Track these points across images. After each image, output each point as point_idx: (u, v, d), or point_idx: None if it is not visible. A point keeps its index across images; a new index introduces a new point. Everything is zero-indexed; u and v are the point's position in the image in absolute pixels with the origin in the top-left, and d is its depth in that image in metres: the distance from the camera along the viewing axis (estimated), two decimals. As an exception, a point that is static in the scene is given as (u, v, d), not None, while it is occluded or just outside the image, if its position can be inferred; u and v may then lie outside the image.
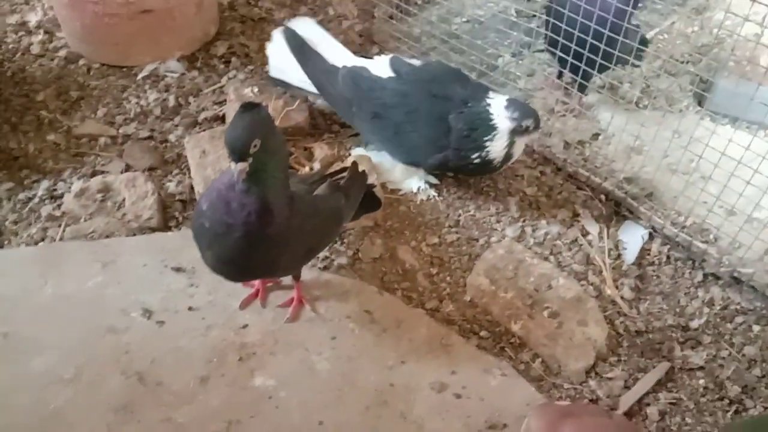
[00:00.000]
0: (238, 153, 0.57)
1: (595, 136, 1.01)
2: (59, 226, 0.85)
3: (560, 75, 1.05)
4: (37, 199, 0.89)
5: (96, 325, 0.73)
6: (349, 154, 0.96)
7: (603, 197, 0.94)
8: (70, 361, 0.70)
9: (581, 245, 0.88)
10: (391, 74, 0.90)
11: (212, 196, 0.61)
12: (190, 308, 0.76)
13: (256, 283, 0.78)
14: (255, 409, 0.67)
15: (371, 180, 0.87)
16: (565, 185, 0.96)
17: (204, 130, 0.97)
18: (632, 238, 0.90)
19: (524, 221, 0.91)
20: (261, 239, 0.60)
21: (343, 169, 0.81)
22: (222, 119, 1.02)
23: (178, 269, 0.79)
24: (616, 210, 0.93)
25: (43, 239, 0.84)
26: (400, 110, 0.88)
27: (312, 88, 0.95)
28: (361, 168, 0.81)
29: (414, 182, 0.93)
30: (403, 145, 0.90)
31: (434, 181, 0.95)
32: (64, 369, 0.69)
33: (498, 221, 0.90)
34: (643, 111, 1.02)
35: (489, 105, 0.85)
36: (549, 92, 1.06)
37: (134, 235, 0.84)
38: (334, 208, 0.74)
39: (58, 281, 0.77)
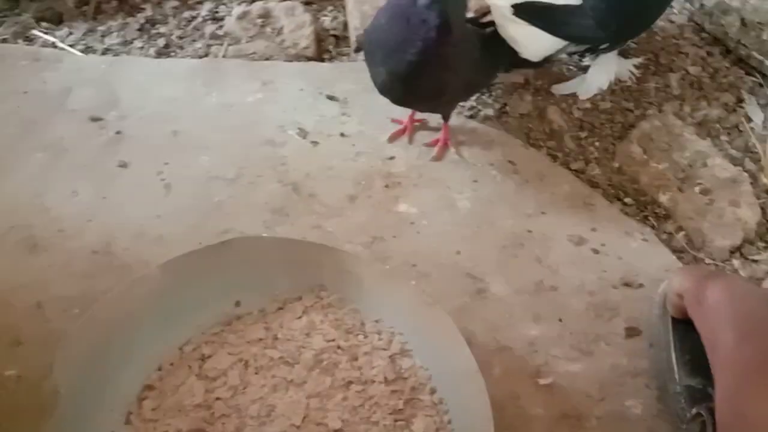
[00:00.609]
0: None
1: (778, 19, 0.92)
2: (221, 44, 0.89)
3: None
4: (200, 19, 0.93)
5: (256, 135, 0.77)
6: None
7: (775, 85, 0.87)
8: (231, 163, 0.75)
9: (742, 131, 0.83)
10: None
11: (391, 10, 0.61)
12: (341, 134, 0.78)
13: (405, 120, 0.79)
14: (397, 230, 0.70)
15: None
16: (733, 69, 0.90)
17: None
18: (800, 131, 0.83)
19: (684, 99, 0.86)
20: (437, 56, 0.61)
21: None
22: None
23: (331, 98, 0.82)
24: (787, 101, 0.86)
25: (206, 55, 0.88)
26: None
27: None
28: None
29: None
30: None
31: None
32: (227, 169, 0.74)
33: (656, 95, 0.86)
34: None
35: None
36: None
37: (291, 61, 0.86)
38: (494, 49, 0.73)
39: (221, 92, 0.81)
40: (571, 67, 0.89)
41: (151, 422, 0.53)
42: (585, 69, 0.87)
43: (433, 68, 0.62)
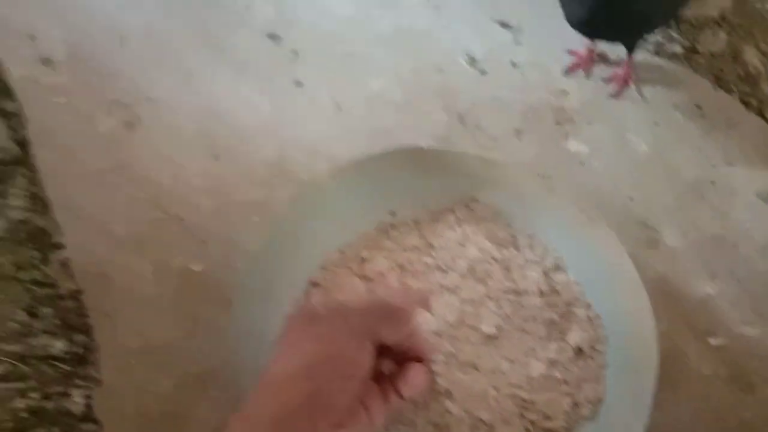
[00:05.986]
0: None
1: None
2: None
3: None
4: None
5: (425, 61, 0.76)
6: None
7: None
8: (400, 88, 0.75)
9: None
10: None
11: None
12: (512, 63, 0.76)
13: (583, 51, 0.75)
14: (566, 169, 0.68)
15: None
16: None
17: None
18: None
19: None
20: None
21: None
22: None
23: (504, 24, 0.78)
24: None
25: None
26: None
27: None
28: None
29: None
30: None
31: None
32: (395, 93, 0.74)
33: None
34: None
35: None
36: None
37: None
38: None
39: (395, 14, 0.80)
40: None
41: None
42: None
43: None
